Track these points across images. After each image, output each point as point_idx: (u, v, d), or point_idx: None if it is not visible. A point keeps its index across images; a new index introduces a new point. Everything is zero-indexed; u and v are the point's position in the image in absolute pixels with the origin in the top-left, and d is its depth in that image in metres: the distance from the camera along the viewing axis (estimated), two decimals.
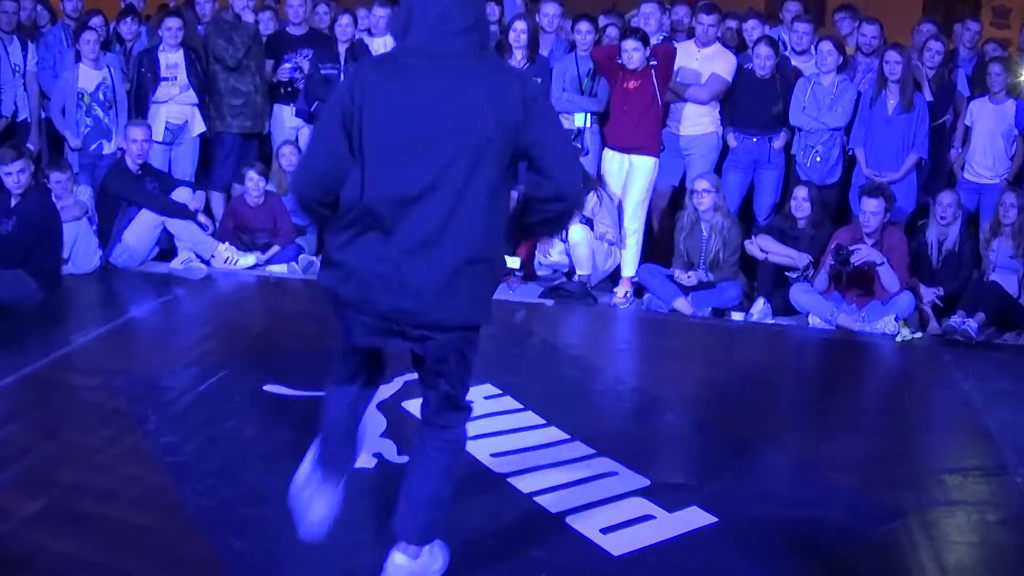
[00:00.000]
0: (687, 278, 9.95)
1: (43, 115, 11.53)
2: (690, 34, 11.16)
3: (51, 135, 11.52)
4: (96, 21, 11.37)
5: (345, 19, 11.43)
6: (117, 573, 4.95)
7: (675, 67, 10.53)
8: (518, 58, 10.76)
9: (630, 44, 10.12)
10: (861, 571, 5.33)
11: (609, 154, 10.52)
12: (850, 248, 9.47)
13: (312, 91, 11.31)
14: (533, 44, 10.84)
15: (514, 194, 4.55)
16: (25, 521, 5.34)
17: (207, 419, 6.67)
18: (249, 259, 10.54)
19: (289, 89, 11.60)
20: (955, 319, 9.28)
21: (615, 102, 10.42)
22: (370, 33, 11.73)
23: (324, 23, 12.13)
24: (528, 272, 10.61)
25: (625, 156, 10.37)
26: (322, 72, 11.28)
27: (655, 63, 10.12)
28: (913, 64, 10.34)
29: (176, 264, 10.53)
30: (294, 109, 11.59)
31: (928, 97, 10.45)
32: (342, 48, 11.38)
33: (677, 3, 11.60)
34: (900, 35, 11.73)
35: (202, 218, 10.77)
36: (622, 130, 10.35)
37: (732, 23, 11.69)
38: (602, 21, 11.50)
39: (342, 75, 11.10)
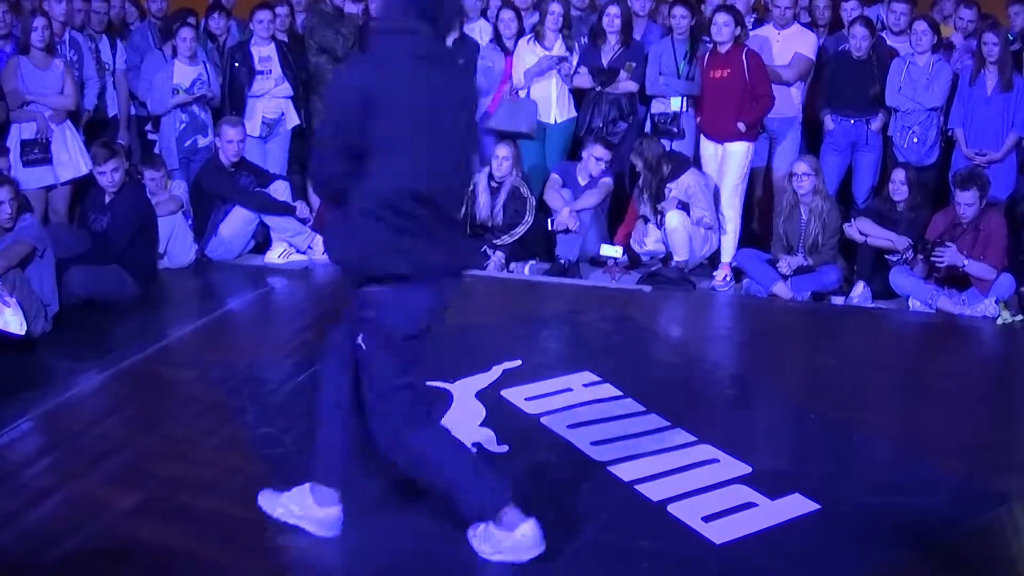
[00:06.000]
0: (786, 267, 9.82)
1: (132, 112, 11.57)
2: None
3: (143, 132, 11.58)
4: (193, 20, 11.45)
5: None
6: (215, 566, 4.95)
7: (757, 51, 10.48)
8: (612, 43, 10.71)
9: (721, 18, 10.08)
10: (964, 558, 5.24)
11: (705, 141, 10.46)
12: (935, 249, 9.34)
13: None
14: (627, 29, 10.78)
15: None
16: (124, 514, 5.35)
17: (305, 411, 6.60)
18: None
19: None
20: None
21: (705, 92, 10.37)
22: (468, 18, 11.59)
23: None
24: (632, 259, 10.52)
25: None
26: None
27: (748, 51, 10.07)
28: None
29: (272, 257, 10.53)
30: None
31: None
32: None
33: None
34: (995, 10, 11.50)
35: (303, 209, 10.74)
36: (714, 119, 10.31)
37: (820, 2, 11.54)
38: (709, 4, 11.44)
39: None
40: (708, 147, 10.45)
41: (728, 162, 10.27)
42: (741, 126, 10.10)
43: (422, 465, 4.90)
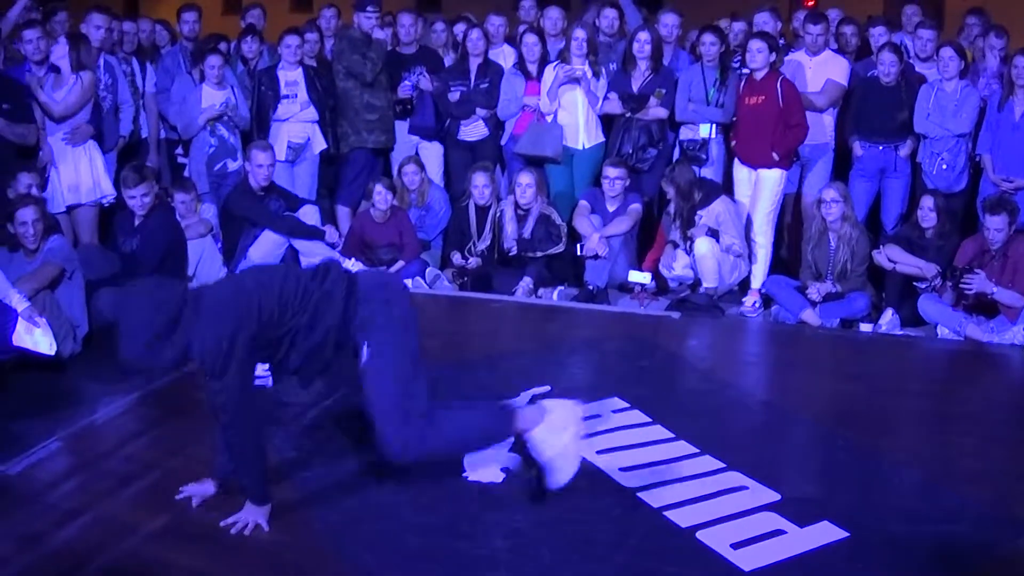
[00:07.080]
0: (815, 294, 9.79)
1: (162, 135, 11.64)
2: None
3: (172, 154, 11.65)
4: (224, 46, 11.53)
5: (475, 33, 11.45)
6: None
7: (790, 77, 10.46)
8: (642, 69, 10.73)
9: (755, 44, 10.07)
10: None
11: (738, 165, 10.46)
12: (964, 276, 9.30)
13: (445, 109, 11.39)
14: (657, 55, 10.80)
15: None
16: (151, 536, 5.36)
17: (332, 434, 6.66)
18: None
19: (406, 107, 11.59)
20: None
21: (740, 118, 10.37)
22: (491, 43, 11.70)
23: (440, 40, 12.15)
24: (661, 285, 10.52)
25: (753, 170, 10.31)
26: (452, 89, 11.31)
27: (783, 79, 10.06)
28: None
29: None
30: (408, 125, 11.64)
31: None
32: (473, 64, 11.40)
33: (796, 10, 11.50)
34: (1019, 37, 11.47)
35: (332, 234, 10.78)
36: (749, 145, 10.30)
37: (847, 28, 11.56)
38: (735, 28, 11.47)
39: (471, 92, 11.28)
40: (742, 171, 10.44)
41: (761, 189, 10.26)
42: (775, 156, 10.09)
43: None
